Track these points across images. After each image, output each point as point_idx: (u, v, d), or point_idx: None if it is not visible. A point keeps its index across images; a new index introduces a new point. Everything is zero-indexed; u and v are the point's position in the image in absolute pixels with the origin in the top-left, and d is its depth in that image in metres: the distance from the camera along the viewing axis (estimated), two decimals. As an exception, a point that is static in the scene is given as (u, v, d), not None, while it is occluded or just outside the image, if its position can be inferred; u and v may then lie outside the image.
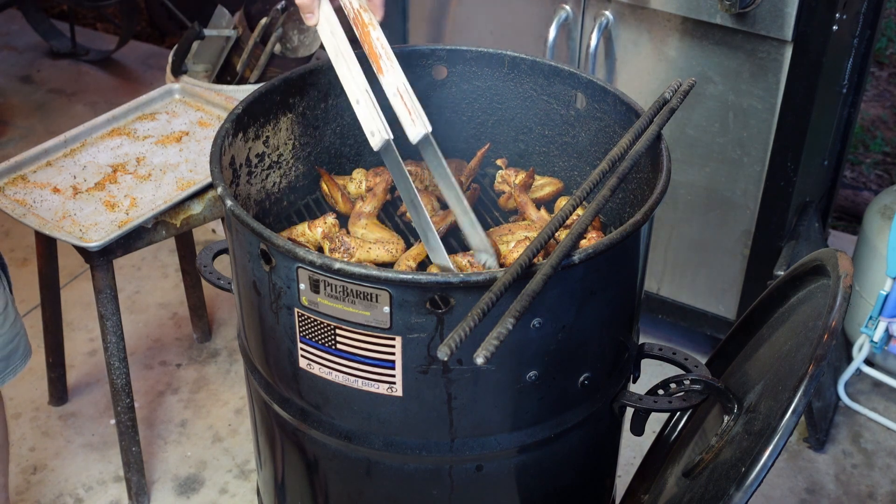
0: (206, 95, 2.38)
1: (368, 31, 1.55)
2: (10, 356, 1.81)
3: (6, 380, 1.83)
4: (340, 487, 1.62)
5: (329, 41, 1.55)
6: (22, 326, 1.85)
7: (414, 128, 1.48)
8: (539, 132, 1.83)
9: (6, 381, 1.83)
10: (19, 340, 1.83)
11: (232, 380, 2.70)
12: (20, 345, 1.84)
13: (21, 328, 1.84)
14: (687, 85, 1.63)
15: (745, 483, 1.28)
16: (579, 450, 1.62)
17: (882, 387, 2.67)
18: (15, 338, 1.82)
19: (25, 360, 1.86)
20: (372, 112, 1.47)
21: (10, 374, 1.83)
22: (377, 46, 1.54)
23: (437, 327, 1.33)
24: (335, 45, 1.54)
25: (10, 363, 1.82)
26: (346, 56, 1.52)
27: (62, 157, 2.20)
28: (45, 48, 4.27)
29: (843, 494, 2.40)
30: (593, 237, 1.63)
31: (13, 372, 1.84)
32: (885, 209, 2.60)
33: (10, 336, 1.80)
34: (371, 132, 1.47)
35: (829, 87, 2.38)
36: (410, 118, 1.48)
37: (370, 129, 1.47)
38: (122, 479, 2.39)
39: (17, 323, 1.83)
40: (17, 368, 1.85)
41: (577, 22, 2.38)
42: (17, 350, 1.83)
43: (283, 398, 1.55)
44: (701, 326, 2.62)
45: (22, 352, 1.85)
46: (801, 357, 1.37)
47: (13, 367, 1.83)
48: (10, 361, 1.82)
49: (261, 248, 1.39)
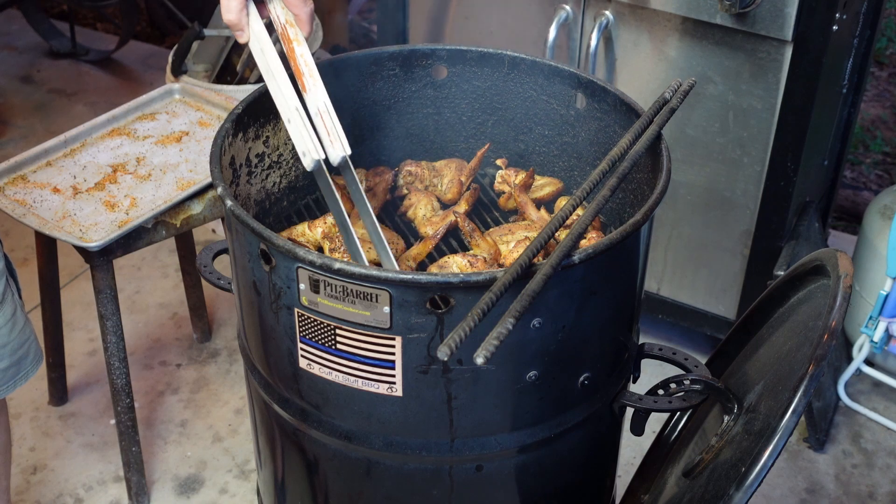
0: (206, 95, 2.38)
1: (293, 46, 1.52)
2: (20, 361, 1.81)
3: (18, 384, 1.82)
4: (340, 487, 1.62)
5: (260, 59, 1.53)
6: (32, 332, 1.84)
7: (332, 150, 1.47)
8: (539, 132, 1.83)
9: (18, 385, 1.82)
10: (30, 345, 1.83)
11: (232, 380, 2.70)
12: (30, 350, 1.83)
13: (31, 333, 1.84)
14: (687, 85, 1.63)
15: (745, 483, 1.28)
16: (579, 450, 1.62)
17: (882, 387, 2.67)
18: (25, 343, 1.81)
19: (37, 365, 1.86)
20: (303, 132, 1.45)
21: (21, 379, 1.83)
22: (301, 63, 1.52)
23: (437, 327, 1.33)
24: (265, 63, 1.52)
25: (21, 368, 1.82)
26: (276, 74, 1.50)
27: (62, 157, 2.20)
28: (45, 48, 4.27)
29: (843, 494, 2.40)
30: (593, 237, 1.63)
31: (25, 377, 1.83)
32: (885, 209, 2.60)
33: (21, 341, 1.80)
34: (303, 152, 1.45)
35: (829, 87, 2.38)
36: (329, 139, 1.47)
37: (301, 149, 1.45)
38: (122, 479, 2.39)
39: (27, 328, 1.82)
40: (29, 373, 1.84)
41: (577, 22, 2.38)
42: (27, 355, 1.82)
43: (283, 398, 1.55)
44: (701, 326, 2.62)
45: (33, 357, 1.84)
46: (801, 357, 1.37)
47: (25, 372, 1.83)
48: (21, 367, 1.81)
49: (261, 248, 1.39)
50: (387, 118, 1.85)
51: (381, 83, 1.81)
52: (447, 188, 1.79)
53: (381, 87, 1.82)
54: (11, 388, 1.81)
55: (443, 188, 1.81)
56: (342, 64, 1.77)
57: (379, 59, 1.79)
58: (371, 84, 1.81)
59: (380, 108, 1.84)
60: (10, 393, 1.81)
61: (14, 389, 1.81)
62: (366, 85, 1.80)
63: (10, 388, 1.81)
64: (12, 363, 1.78)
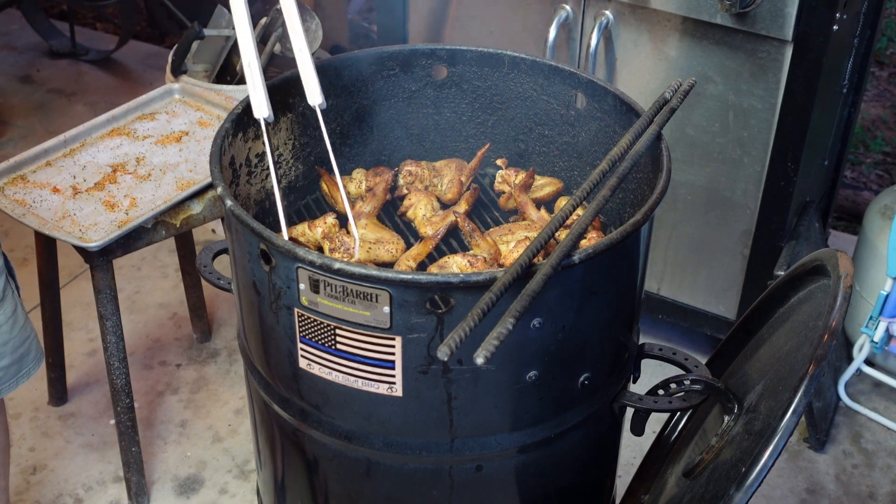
0: (205, 95, 2.38)
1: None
2: (22, 359, 1.81)
3: (20, 382, 1.82)
4: (340, 487, 1.62)
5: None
6: (32, 330, 1.84)
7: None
8: (539, 132, 1.82)
9: (21, 383, 1.82)
10: (30, 343, 1.83)
11: (232, 380, 2.70)
12: (31, 347, 1.83)
13: (31, 332, 1.84)
14: (687, 85, 1.63)
15: (745, 483, 1.28)
16: (579, 450, 1.62)
17: (882, 387, 2.67)
18: (26, 341, 1.81)
19: (38, 362, 1.86)
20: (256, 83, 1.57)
21: (23, 376, 1.83)
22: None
23: (437, 327, 1.33)
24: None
25: (22, 366, 1.82)
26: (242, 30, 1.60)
27: (62, 157, 2.20)
28: (45, 48, 4.27)
29: (844, 494, 2.40)
30: (593, 237, 1.63)
31: (27, 375, 1.83)
32: (885, 209, 2.60)
33: (21, 339, 1.80)
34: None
35: (830, 87, 2.38)
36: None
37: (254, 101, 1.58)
38: (121, 480, 2.39)
39: (28, 326, 1.82)
40: (31, 371, 1.84)
41: (577, 22, 2.38)
42: (28, 353, 1.82)
43: (283, 398, 1.55)
44: (701, 326, 2.62)
45: (34, 354, 1.84)
46: (802, 357, 1.37)
47: (27, 370, 1.83)
48: (22, 364, 1.81)
49: (261, 248, 1.39)
50: (387, 118, 1.85)
51: (381, 83, 1.81)
52: (447, 188, 1.79)
53: (381, 87, 1.82)
54: (14, 385, 1.81)
55: (443, 188, 1.80)
56: (342, 64, 1.77)
57: (379, 59, 1.79)
58: (371, 84, 1.81)
59: (380, 108, 1.84)
60: (13, 391, 1.81)
61: (17, 387, 1.81)
62: (366, 85, 1.80)
63: (13, 386, 1.81)
64: (14, 360, 1.79)
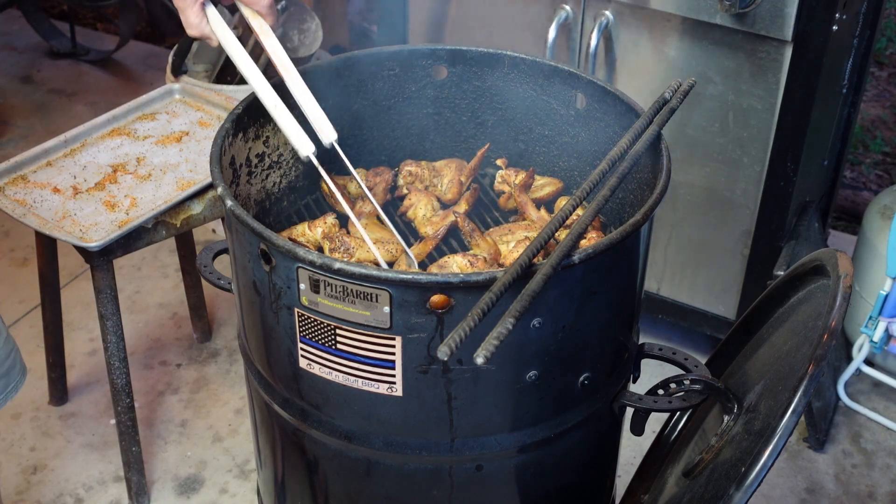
0: (206, 95, 2.38)
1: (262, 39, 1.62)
2: (8, 373, 1.78)
3: (9, 398, 1.78)
4: (340, 487, 1.62)
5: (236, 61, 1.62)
6: (14, 343, 1.82)
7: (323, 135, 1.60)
8: (539, 132, 1.82)
9: (9, 398, 1.78)
10: (15, 356, 1.80)
11: (232, 380, 2.70)
12: (17, 361, 1.80)
13: (14, 344, 1.81)
14: (687, 85, 1.63)
15: (745, 483, 1.28)
16: (579, 450, 1.62)
17: (882, 387, 2.67)
18: (11, 354, 1.78)
19: (23, 377, 1.83)
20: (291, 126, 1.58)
21: (11, 391, 1.79)
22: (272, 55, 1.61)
23: (437, 327, 1.33)
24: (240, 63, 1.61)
25: (10, 380, 1.79)
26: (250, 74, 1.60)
27: (62, 157, 2.20)
28: (45, 48, 4.27)
29: (843, 494, 2.40)
30: (593, 237, 1.63)
31: (15, 389, 1.80)
32: (885, 209, 2.60)
33: (6, 353, 1.77)
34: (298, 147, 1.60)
35: (829, 87, 2.38)
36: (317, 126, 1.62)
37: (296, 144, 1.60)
38: (122, 479, 2.39)
39: (10, 339, 1.80)
40: (18, 385, 1.81)
41: (577, 22, 2.38)
42: (14, 366, 1.79)
43: (283, 398, 1.55)
44: (701, 326, 2.62)
45: (19, 368, 1.81)
46: (801, 357, 1.37)
47: (14, 384, 1.80)
48: (9, 378, 1.79)
49: (261, 248, 1.39)
50: (387, 118, 1.85)
51: (381, 83, 1.81)
52: (447, 188, 1.79)
53: (381, 87, 1.82)
54: (2, 402, 1.78)
55: (443, 188, 1.80)
56: (342, 64, 1.77)
57: (379, 59, 1.79)
58: (371, 84, 1.81)
59: (380, 108, 1.84)
60: (2, 407, 1.79)
61: (5, 404, 1.78)
62: (366, 85, 1.80)
63: (2, 403, 1.78)
64: (1, 375, 1.76)
